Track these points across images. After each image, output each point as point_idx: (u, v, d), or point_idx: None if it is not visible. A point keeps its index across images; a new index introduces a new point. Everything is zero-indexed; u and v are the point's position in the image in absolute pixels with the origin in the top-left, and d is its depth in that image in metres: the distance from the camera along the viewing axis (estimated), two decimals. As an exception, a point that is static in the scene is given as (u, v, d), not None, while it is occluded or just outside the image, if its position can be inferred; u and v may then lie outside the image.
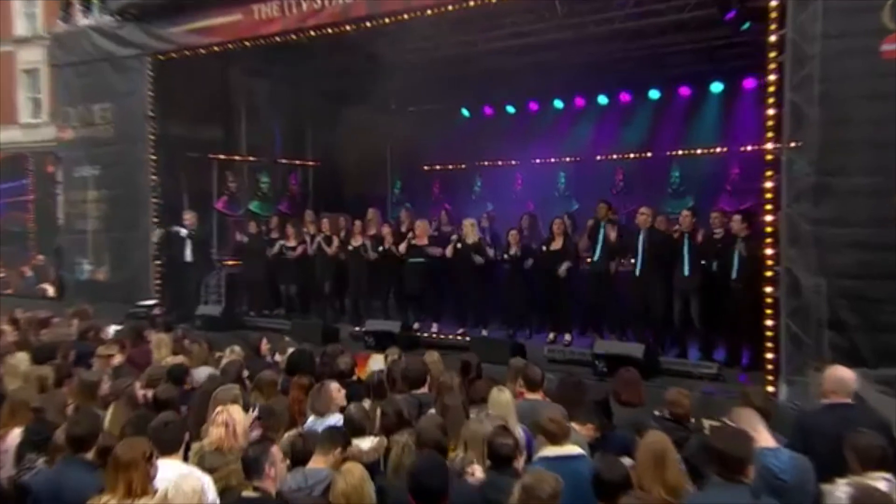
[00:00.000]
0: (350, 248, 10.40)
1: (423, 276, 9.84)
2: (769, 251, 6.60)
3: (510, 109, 13.59)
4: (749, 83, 11.01)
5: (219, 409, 4.17)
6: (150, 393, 5.15)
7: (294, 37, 9.98)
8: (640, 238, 8.31)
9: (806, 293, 6.21)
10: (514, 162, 13.74)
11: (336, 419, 4.78)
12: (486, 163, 14.24)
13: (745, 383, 7.12)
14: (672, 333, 8.38)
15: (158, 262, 11.20)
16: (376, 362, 7.38)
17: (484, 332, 9.37)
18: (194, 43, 10.79)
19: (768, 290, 6.56)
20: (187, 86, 11.27)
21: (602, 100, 12.57)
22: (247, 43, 10.42)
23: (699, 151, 11.93)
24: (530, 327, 9.69)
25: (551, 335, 9.23)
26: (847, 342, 5.98)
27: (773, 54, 6.45)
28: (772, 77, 6.46)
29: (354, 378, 5.83)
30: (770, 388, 6.40)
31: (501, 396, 4.80)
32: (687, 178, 11.96)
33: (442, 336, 9.25)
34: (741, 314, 7.56)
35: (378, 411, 4.76)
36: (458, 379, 5.31)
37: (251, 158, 13.12)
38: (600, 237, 8.80)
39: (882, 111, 5.84)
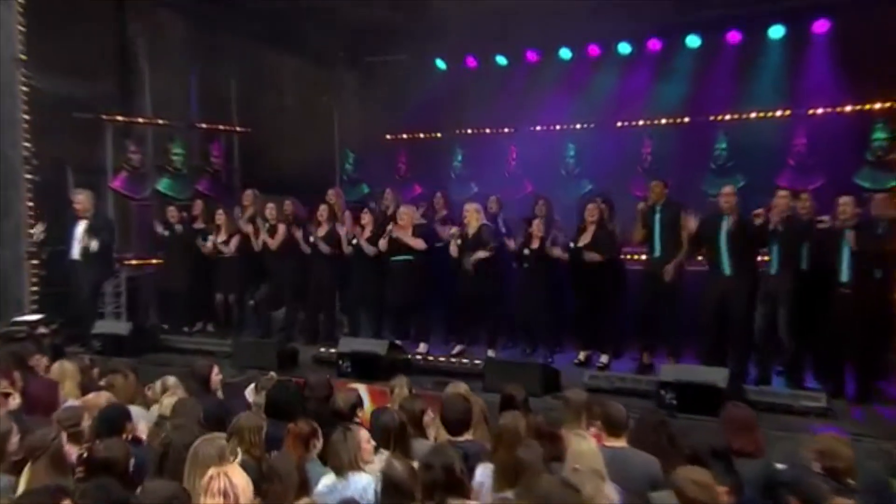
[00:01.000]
0: (310, 240, 10.25)
1: (411, 280, 9.66)
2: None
3: (501, 61, 13.21)
4: (820, 26, 10.85)
5: (212, 472, 3.64)
6: (72, 448, 4.59)
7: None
8: (723, 226, 8.06)
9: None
10: (506, 130, 13.45)
11: (366, 481, 4.43)
12: (468, 130, 13.87)
13: (860, 421, 6.95)
14: (751, 352, 8.16)
15: (35, 261, 10.52)
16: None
17: (490, 353, 9.19)
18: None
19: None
20: (71, 21, 10.69)
21: (624, 48, 12.28)
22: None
23: (753, 115, 11.68)
24: (551, 344, 9.46)
25: (581, 355, 9.14)
26: None
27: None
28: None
29: (357, 420, 5.53)
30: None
31: (585, 445, 4.58)
32: (736, 149, 11.63)
33: (442, 360, 9.00)
34: (851, 328, 7.38)
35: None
36: (524, 421, 4.98)
37: (159, 122, 12.56)
38: (657, 226, 8.62)
39: None
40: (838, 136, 10.73)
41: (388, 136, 14.46)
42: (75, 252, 10.28)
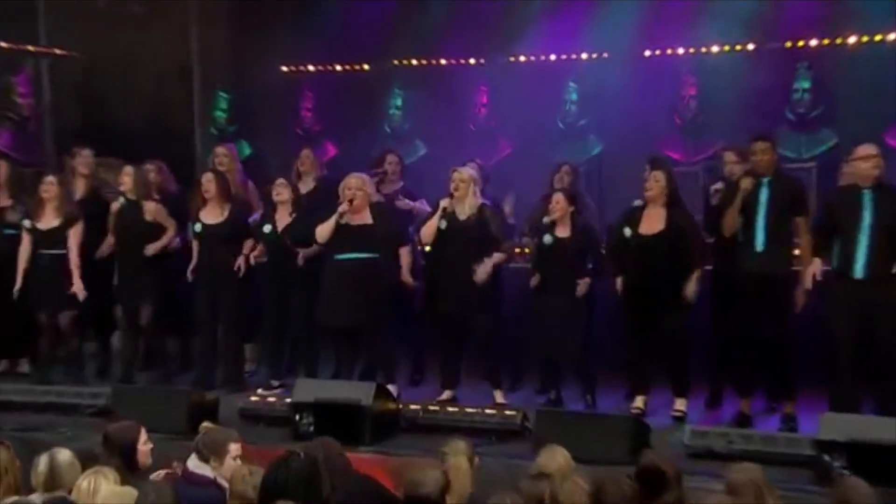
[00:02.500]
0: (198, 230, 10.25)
1: (367, 289, 9.54)
2: None
3: (462, -43, 13.28)
4: None
5: None
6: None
7: None
8: (866, 206, 8.02)
9: None
10: (472, 61, 13.50)
11: None
12: (413, 61, 13.87)
13: None
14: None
15: None
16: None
17: (499, 397, 9.45)
18: None
19: None
20: None
21: (655, -59, 12.41)
22: None
23: (851, 40, 11.77)
24: (587, 384, 9.39)
25: (638, 401, 9.07)
26: None
27: None
28: None
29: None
30: None
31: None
32: (825, 91, 11.73)
33: (452, 410, 8.84)
34: None
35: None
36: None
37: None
38: (761, 209, 8.44)
39: None
40: None
41: (284, 69, 14.48)
42: None
